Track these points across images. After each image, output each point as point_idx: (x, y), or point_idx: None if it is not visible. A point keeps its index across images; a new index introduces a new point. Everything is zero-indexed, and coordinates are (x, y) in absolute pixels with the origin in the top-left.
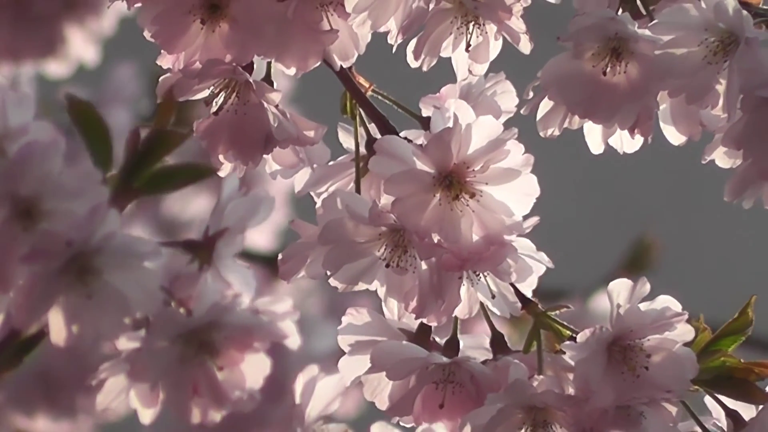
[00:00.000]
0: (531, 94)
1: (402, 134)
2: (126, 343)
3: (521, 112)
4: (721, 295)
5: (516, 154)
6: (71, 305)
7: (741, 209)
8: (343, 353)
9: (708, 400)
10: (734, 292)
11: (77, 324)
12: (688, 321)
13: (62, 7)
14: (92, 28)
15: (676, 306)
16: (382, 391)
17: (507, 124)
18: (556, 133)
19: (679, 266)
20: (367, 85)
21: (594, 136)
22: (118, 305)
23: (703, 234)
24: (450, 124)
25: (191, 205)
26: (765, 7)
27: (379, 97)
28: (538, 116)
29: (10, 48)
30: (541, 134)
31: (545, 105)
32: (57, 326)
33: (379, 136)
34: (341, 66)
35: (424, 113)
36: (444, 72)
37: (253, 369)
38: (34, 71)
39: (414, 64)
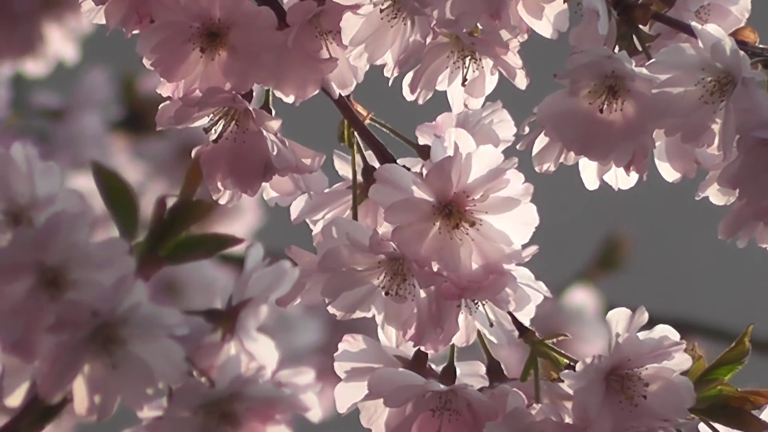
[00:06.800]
0: (527, 130)
1: (399, 162)
2: (147, 412)
3: (517, 147)
4: (691, 291)
5: (516, 183)
6: (96, 375)
7: (713, 207)
8: (325, 348)
9: (703, 428)
10: (704, 289)
11: (101, 393)
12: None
13: (41, 6)
14: (71, 26)
15: (674, 335)
16: (378, 418)
17: (505, 152)
18: (552, 168)
19: (649, 263)
20: (365, 114)
21: (589, 173)
22: (142, 376)
23: (673, 231)
24: (450, 153)
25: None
26: (762, 46)
27: (377, 125)
28: (534, 152)
29: None
30: (537, 170)
31: (541, 141)
32: (81, 395)
33: (376, 163)
34: (340, 94)
35: (421, 141)
36: (442, 100)
37: None
38: (11, 73)
39: (410, 97)
